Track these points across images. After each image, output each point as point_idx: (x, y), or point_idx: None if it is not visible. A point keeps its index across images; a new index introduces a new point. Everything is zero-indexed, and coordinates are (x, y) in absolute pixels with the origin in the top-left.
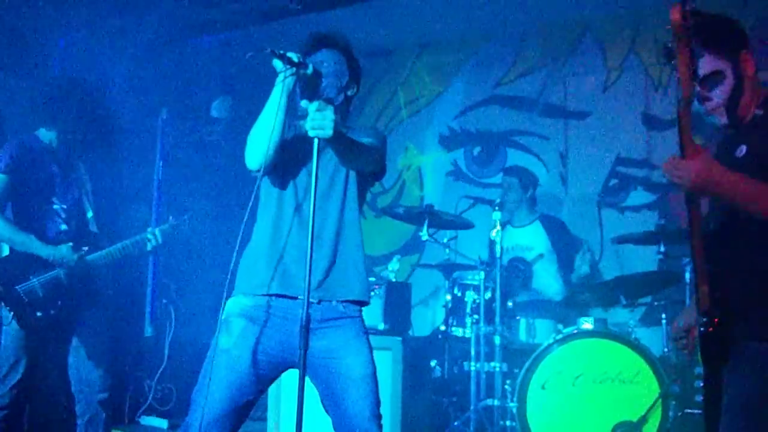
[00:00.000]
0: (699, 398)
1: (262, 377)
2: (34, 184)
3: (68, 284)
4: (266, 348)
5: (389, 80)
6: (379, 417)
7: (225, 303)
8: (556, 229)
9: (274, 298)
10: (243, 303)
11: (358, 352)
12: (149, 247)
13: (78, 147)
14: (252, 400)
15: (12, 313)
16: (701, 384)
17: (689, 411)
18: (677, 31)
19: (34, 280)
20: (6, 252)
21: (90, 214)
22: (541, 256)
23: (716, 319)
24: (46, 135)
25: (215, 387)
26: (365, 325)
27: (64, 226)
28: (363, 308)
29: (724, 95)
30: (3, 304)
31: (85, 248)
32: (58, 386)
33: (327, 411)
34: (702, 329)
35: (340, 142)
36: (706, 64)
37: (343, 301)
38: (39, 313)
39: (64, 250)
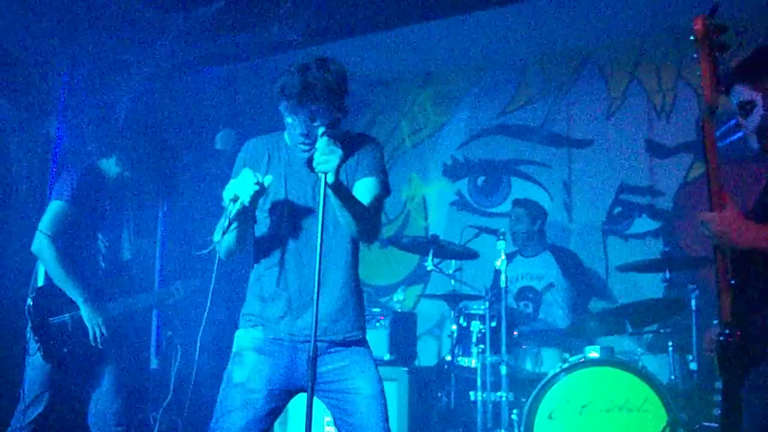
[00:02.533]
0: (706, 425)
1: (275, 407)
2: (87, 217)
3: (94, 335)
4: (277, 378)
5: (392, 111)
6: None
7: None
8: (567, 259)
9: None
10: (253, 335)
11: (366, 372)
12: (171, 300)
13: (134, 186)
14: (266, 429)
15: (39, 344)
16: (716, 402)
17: None
18: (699, 40)
19: (67, 315)
20: (41, 282)
21: (128, 257)
22: (551, 285)
23: (738, 332)
24: (107, 168)
25: (232, 421)
26: (369, 347)
27: (102, 263)
28: (369, 338)
29: (753, 123)
30: (32, 334)
31: (112, 304)
32: (75, 420)
33: (340, 430)
34: (721, 338)
35: (339, 189)
36: (740, 94)
37: None
38: (65, 349)
39: (97, 311)
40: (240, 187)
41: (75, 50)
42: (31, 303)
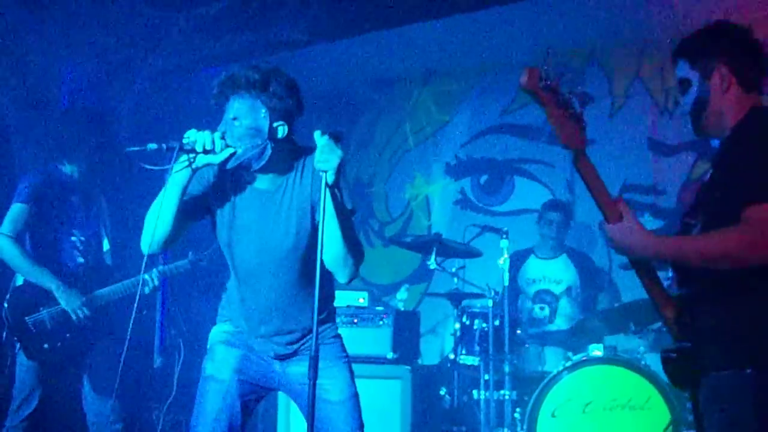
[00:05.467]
0: None
1: (248, 400)
2: (55, 215)
3: (77, 317)
4: (247, 371)
5: (395, 110)
6: None
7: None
8: (583, 262)
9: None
10: (224, 329)
11: (337, 376)
12: (147, 290)
13: (98, 178)
14: (242, 423)
15: (19, 343)
16: None
17: None
18: (530, 93)
19: (44, 311)
20: (20, 281)
21: (106, 247)
22: (568, 289)
23: (680, 347)
24: (67, 167)
25: (208, 414)
26: (344, 349)
27: (81, 259)
28: (371, 337)
29: (688, 104)
30: (10, 333)
31: (87, 295)
32: (73, 417)
33: None
34: (663, 355)
35: (338, 192)
36: (680, 70)
37: None
38: (46, 345)
39: (73, 294)
40: (200, 134)
41: (78, 50)
42: (6, 305)
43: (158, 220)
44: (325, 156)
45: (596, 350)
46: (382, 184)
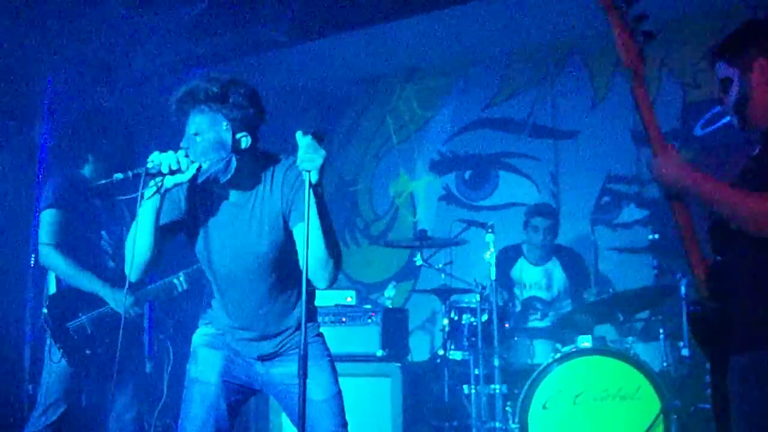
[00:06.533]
0: (701, 407)
1: (234, 401)
2: (82, 219)
3: (115, 322)
4: (231, 372)
5: (378, 107)
6: None
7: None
8: (572, 263)
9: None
10: (207, 332)
11: (318, 376)
12: (175, 293)
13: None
14: (230, 425)
15: (62, 350)
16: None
17: (691, 425)
18: (602, 7)
19: (83, 317)
20: (53, 289)
21: None
22: (559, 294)
23: (709, 307)
24: (86, 169)
25: (195, 418)
26: (327, 348)
27: (111, 263)
28: (360, 335)
29: (731, 101)
30: (53, 341)
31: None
32: (93, 422)
33: None
34: (691, 308)
35: (321, 192)
36: (719, 71)
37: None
38: (88, 351)
39: (121, 294)
40: (164, 156)
41: (58, 55)
42: (46, 311)
43: (137, 248)
44: (309, 156)
45: (585, 341)
46: (367, 182)
